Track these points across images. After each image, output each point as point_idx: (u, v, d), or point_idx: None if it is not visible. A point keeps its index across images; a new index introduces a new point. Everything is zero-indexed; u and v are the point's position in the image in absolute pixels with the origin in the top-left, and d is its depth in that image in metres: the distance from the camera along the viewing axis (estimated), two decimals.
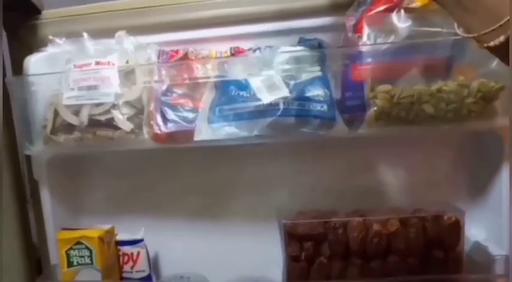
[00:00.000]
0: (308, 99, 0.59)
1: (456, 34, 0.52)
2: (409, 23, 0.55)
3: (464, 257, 0.62)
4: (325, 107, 0.60)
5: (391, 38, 0.55)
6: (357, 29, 0.58)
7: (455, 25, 0.41)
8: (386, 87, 0.56)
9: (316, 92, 0.60)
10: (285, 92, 0.59)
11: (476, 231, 0.66)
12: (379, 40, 0.56)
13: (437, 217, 0.61)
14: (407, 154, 0.69)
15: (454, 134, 0.68)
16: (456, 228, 0.60)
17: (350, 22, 0.60)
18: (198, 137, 0.59)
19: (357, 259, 0.62)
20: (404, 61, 0.56)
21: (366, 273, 0.61)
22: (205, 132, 0.59)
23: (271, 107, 0.58)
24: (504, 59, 0.37)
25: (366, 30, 0.57)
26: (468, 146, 0.68)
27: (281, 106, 0.58)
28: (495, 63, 0.54)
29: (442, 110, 0.56)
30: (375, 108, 0.56)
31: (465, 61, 0.55)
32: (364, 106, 0.57)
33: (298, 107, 0.59)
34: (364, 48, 0.56)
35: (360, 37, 0.57)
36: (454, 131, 0.66)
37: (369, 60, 0.56)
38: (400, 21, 0.55)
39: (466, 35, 0.39)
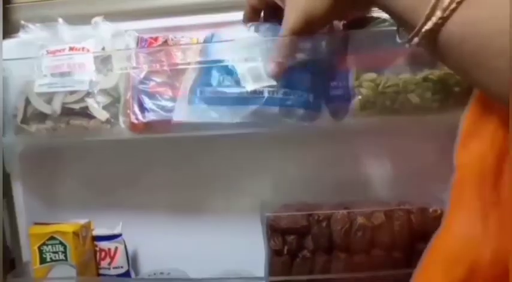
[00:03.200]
0: (293, 88, 0.58)
1: None
2: None
3: None
4: (309, 97, 0.58)
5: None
6: None
7: None
8: (371, 75, 0.55)
9: (301, 81, 0.59)
10: (270, 81, 0.57)
11: None
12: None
13: (423, 210, 0.60)
14: (393, 146, 0.68)
15: (440, 124, 0.67)
16: (441, 220, 0.60)
17: None
18: (177, 117, 0.56)
19: (340, 253, 0.60)
20: (390, 49, 0.55)
21: (350, 267, 0.60)
22: (184, 113, 0.56)
23: (256, 94, 0.55)
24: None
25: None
26: (454, 137, 0.67)
27: (266, 94, 0.56)
28: None
29: (428, 99, 0.54)
30: (360, 97, 0.55)
31: None
32: (349, 95, 0.56)
33: (282, 95, 0.57)
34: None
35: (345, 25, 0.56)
36: (440, 122, 0.65)
37: (354, 48, 0.54)
38: None
39: None
